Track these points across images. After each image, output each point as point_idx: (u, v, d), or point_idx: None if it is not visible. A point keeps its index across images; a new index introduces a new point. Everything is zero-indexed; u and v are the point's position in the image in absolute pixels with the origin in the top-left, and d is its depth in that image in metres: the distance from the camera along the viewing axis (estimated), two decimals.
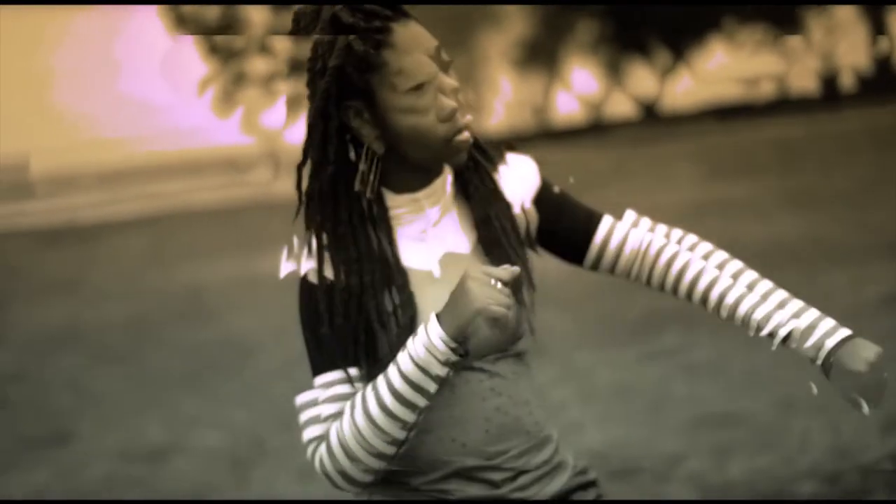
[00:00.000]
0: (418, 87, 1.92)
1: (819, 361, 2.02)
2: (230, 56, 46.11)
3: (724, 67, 55.94)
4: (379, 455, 1.92)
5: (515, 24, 50.02)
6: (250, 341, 9.77)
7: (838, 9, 51.03)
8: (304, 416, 2.03)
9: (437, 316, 1.85)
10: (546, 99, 51.30)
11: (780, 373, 6.86)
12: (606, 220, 2.18)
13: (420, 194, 2.04)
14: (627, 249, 2.17)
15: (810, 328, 2.02)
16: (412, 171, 2.02)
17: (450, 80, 1.96)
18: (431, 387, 1.87)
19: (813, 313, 2.04)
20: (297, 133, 2.09)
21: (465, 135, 1.97)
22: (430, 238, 2.05)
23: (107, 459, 6.61)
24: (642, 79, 50.37)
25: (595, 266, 2.19)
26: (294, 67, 41.08)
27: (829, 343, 2.00)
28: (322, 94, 1.94)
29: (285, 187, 2.27)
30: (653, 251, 2.16)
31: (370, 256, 1.98)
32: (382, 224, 2.01)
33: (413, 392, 1.87)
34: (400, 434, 1.90)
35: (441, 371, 1.86)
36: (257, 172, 48.83)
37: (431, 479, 2.02)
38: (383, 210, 2.02)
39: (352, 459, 1.92)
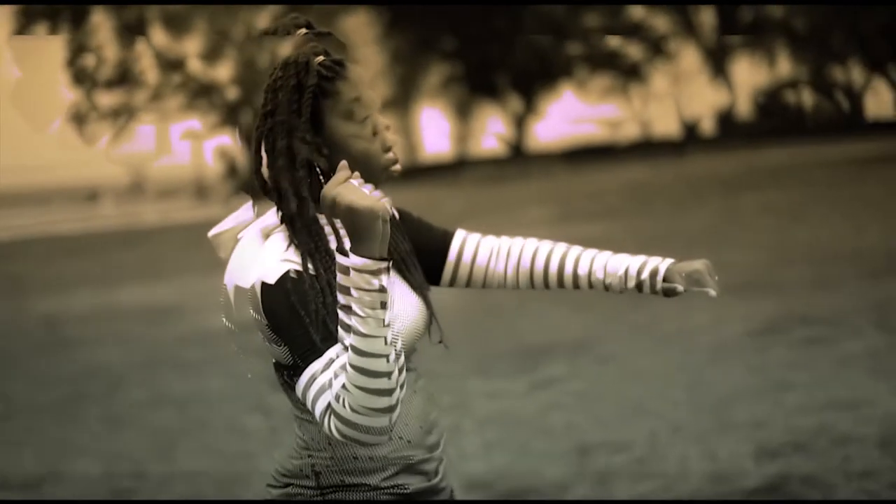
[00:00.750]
0: (365, 118, 2.21)
1: (660, 276, 2.41)
2: (94, 86, 45.36)
3: (574, 112, 56.91)
4: (380, 391, 2.03)
5: (370, 64, 50.19)
6: (114, 373, 9.59)
7: (683, 58, 52.48)
8: (311, 396, 2.10)
9: (353, 247, 2.05)
10: (406, 136, 51.44)
11: (657, 403, 7.02)
12: (459, 234, 2.45)
13: None
14: (482, 257, 2.41)
15: (652, 263, 2.44)
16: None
17: (383, 117, 2.26)
18: (384, 298, 2.05)
19: (652, 258, 2.46)
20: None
21: (398, 166, 2.28)
22: None
23: None
24: (495, 121, 51.03)
25: (452, 281, 2.44)
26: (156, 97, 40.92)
27: (666, 263, 2.44)
28: (296, 106, 2.21)
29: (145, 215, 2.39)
30: (507, 249, 2.42)
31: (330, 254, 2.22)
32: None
33: (371, 310, 2.03)
34: (386, 350, 2.04)
35: (381, 280, 2.04)
36: (110, 203, 48.17)
37: (387, 475, 2.22)
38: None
39: (358, 409, 2.03)
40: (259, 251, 2.21)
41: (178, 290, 15.49)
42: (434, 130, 57.89)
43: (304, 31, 2.26)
